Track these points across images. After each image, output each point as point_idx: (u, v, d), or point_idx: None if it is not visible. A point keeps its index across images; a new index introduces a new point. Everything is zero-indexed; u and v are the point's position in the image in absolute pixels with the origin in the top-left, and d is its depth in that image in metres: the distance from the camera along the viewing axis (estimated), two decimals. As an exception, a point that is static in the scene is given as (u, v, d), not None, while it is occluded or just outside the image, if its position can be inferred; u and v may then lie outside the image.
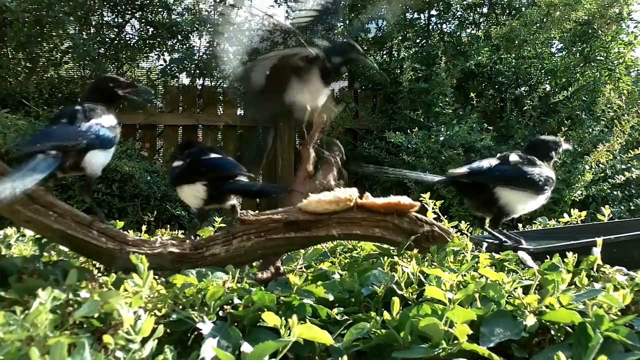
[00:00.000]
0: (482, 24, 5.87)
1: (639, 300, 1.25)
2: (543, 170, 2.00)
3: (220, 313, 1.21)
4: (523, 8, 5.39)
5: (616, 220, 3.21)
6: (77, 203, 3.62)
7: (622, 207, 4.31)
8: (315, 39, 2.19)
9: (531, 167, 1.99)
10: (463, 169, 1.99)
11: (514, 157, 2.02)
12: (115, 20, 5.46)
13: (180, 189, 1.97)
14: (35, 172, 1.47)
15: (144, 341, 0.95)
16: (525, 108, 4.65)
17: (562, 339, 1.13)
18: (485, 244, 1.84)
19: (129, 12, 5.36)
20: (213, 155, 2.00)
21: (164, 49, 5.44)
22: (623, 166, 4.41)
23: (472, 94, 4.67)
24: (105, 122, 1.76)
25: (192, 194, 1.91)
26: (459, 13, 5.82)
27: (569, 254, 1.50)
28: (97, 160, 1.72)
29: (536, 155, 2.07)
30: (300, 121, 2.22)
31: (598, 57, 5.01)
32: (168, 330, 1.15)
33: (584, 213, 2.71)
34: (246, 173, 1.91)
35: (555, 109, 4.74)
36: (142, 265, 1.20)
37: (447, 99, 4.63)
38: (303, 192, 2.01)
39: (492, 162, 2.01)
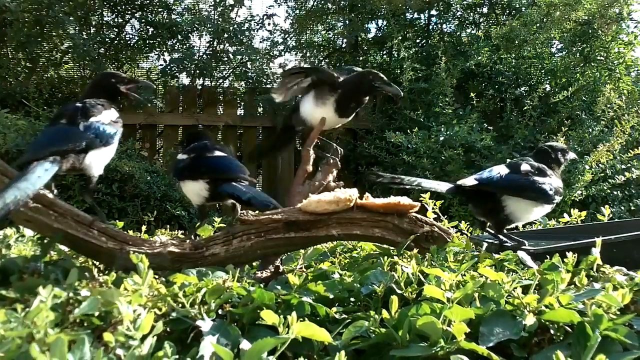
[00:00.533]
0: (482, 24, 5.87)
1: (638, 300, 1.25)
2: (553, 180, 1.99)
3: (220, 311, 1.22)
4: (523, 8, 5.40)
5: (616, 220, 3.21)
6: (77, 203, 3.62)
7: (622, 207, 4.31)
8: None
9: (542, 177, 1.97)
10: (472, 180, 1.97)
11: (525, 166, 1.99)
12: (115, 20, 5.47)
13: (183, 184, 1.95)
14: (32, 182, 1.46)
15: (144, 338, 0.95)
16: (525, 108, 4.65)
17: (561, 338, 1.14)
18: (485, 244, 1.85)
19: (129, 12, 5.37)
20: (217, 153, 1.96)
21: (164, 49, 5.45)
22: (623, 166, 4.41)
23: (472, 94, 4.67)
24: (105, 119, 1.75)
25: (195, 191, 1.90)
26: (459, 13, 5.83)
27: (569, 254, 1.50)
28: (97, 160, 1.72)
29: (545, 162, 2.06)
30: (303, 126, 2.23)
31: (598, 57, 5.02)
32: (168, 329, 1.15)
33: (584, 213, 2.71)
34: (247, 177, 1.87)
35: (555, 109, 4.74)
36: (142, 265, 1.20)
37: (447, 99, 4.63)
38: (302, 192, 2.01)
39: (503, 170, 1.99)
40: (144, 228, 2.62)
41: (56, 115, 1.81)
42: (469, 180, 1.97)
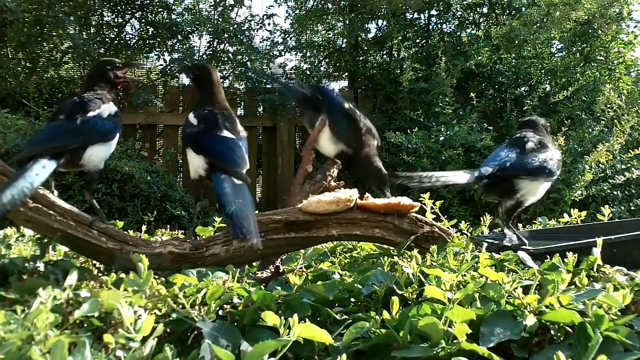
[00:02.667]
0: (482, 24, 5.87)
1: (638, 300, 1.25)
2: (554, 152, 2.06)
3: (220, 312, 1.22)
4: (523, 8, 5.40)
5: (616, 220, 3.21)
6: (77, 203, 3.62)
7: (622, 207, 4.31)
8: None
9: (545, 151, 2.03)
10: (488, 168, 2.00)
11: (530, 144, 2.05)
12: (115, 20, 5.46)
13: (188, 151, 1.82)
14: (30, 180, 1.46)
15: (144, 340, 0.95)
16: (525, 108, 4.65)
17: (561, 338, 1.13)
18: (485, 244, 1.84)
19: (129, 12, 5.37)
20: (224, 133, 1.78)
21: (164, 49, 5.44)
22: (623, 166, 4.41)
23: (472, 94, 4.67)
24: (104, 113, 1.74)
25: (194, 165, 1.78)
26: (459, 13, 5.82)
27: (569, 254, 1.50)
28: (97, 155, 1.71)
29: (540, 133, 2.13)
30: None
31: (598, 57, 5.02)
32: (168, 330, 1.15)
33: (584, 213, 2.71)
34: (244, 174, 1.70)
35: (555, 109, 4.74)
36: (142, 265, 1.20)
37: (447, 99, 4.63)
38: (302, 192, 2.01)
39: (511, 153, 2.03)
40: (144, 228, 2.62)
41: (56, 111, 1.80)
42: (485, 169, 2.00)
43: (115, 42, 5.40)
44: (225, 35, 5.28)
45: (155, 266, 1.46)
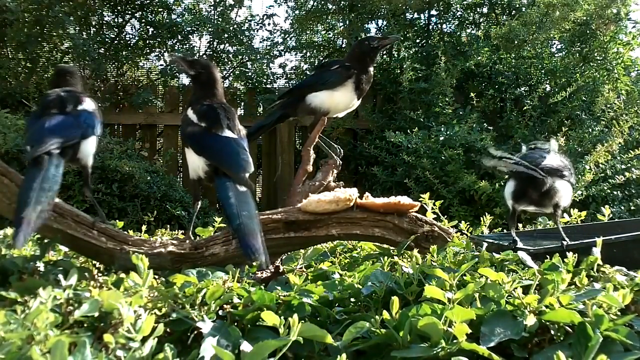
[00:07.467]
0: (482, 24, 5.87)
1: (638, 300, 1.25)
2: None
3: (220, 312, 1.22)
4: (523, 8, 5.40)
5: (616, 220, 3.20)
6: (77, 203, 3.62)
7: (622, 207, 4.31)
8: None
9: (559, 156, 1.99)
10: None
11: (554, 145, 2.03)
12: (115, 20, 5.47)
13: (187, 150, 1.77)
14: (49, 185, 1.45)
15: (144, 340, 0.95)
16: (525, 108, 4.65)
17: (561, 338, 1.14)
18: (485, 244, 1.84)
19: (129, 12, 5.37)
20: (226, 133, 1.70)
21: (164, 49, 5.44)
22: (623, 166, 4.40)
23: (472, 94, 4.67)
24: (89, 107, 1.75)
25: (194, 165, 1.73)
26: (459, 13, 5.82)
27: (569, 254, 1.50)
28: (90, 148, 1.72)
29: None
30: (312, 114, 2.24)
31: (597, 57, 5.02)
32: (168, 330, 1.15)
33: (584, 213, 2.71)
34: (247, 179, 1.63)
35: (555, 109, 4.74)
36: (142, 265, 1.20)
37: (447, 99, 4.63)
38: (302, 192, 2.02)
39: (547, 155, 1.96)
40: (144, 228, 2.62)
41: (42, 106, 1.74)
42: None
43: (115, 42, 5.40)
44: (225, 36, 5.28)
45: (155, 266, 1.46)
